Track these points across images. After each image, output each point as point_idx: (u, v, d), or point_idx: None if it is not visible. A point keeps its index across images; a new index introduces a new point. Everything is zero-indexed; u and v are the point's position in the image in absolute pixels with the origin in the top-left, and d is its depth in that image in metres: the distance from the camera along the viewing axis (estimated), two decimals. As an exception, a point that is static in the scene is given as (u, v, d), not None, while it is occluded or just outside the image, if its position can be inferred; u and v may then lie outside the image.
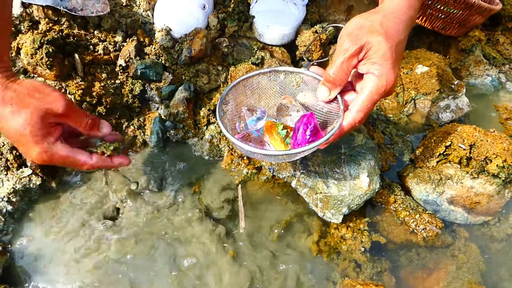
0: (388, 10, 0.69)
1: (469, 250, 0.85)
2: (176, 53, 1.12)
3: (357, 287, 0.78)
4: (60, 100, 0.65)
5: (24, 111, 0.63)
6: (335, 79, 0.70)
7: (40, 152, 0.66)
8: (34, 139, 0.65)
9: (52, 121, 0.67)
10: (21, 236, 0.83)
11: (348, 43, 0.66)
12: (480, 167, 0.88)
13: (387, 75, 0.66)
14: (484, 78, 1.18)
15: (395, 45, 0.66)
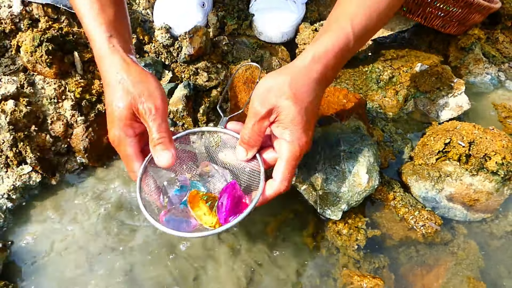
0: (297, 69, 0.68)
1: (468, 247, 0.85)
2: (175, 51, 1.13)
3: (355, 278, 0.79)
4: (149, 104, 0.67)
5: (123, 97, 0.67)
6: (249, 141, 0.70)
7: (114, 136, 0.69)
8: (117, 124, 0.68)
9: (139, 119, 0.69)
10: (21, 233, 0.84)
11: (258, 106, 0.66)
12: (479, 164, 0.88)
13: (299, 140, 0.66)
14: (484, 76, 1.19)
15: (305, 108, 0.66)
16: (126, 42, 0.72)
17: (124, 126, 0.68)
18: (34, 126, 0.92)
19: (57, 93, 0.97)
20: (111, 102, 0.68)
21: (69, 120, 0.96)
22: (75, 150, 0.96)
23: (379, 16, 0.71)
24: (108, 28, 0.70)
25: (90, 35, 0.71)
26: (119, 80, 0.68)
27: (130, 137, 0.69)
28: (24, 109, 0.91)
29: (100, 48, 0.70)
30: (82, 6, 0.72)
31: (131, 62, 0.70)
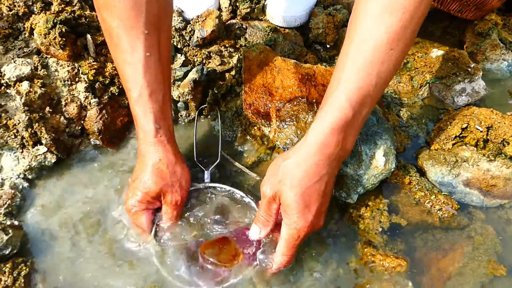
0: (299, 154, 0.70)
1: (486, 232, 0.84)
2: (188, 35, 1.12)
3: (377, 256, 0.78)
4: (177, 196, 0.78)
5: (156, 181, 0.76)
6: (263, 221, 0.75)
7: (133, 206, 0.78)
8: (141, 197, 0.77)
9: (160, 200, 0.79)
10: (37, 212, 0.84)
11: (266, 190, 0.72)
12: (497, 150, 0.87)
13: (296, 224, 0.69)
14: (500, 63, 1.17)
15: (302, 193, 0.68)
16: (170, 131, 0.80)
17: (147, 201, 0.77)
18: (49, 107, 0.92)
19: (70, 75, 0.97)
20: (143, 179, 0.77)
21: (83, 102, 0.96)
22: (89, 132, 0.95)
23: (380, 78, 0.67)
24: (156, 119, 0.76)
25: (138, 120, 0.77)
26: (158, 167, 0.77)
27: (147, 211, 0.79)
28: (39, 91, 0.91)
29: (146, 135, 0.77)
30: (132, 87, 0.75)
31: (172, 153, 0.79)
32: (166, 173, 0.77)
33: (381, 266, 0.78)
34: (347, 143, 0.71)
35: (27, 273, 0.76)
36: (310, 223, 0.69)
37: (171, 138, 0.80)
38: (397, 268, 0.78)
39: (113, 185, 0.89)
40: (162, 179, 0.77)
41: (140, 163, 0.79)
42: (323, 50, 1.23)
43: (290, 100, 0.91)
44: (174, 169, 0.78)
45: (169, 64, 0.81)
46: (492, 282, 0.79)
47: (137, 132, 0.79)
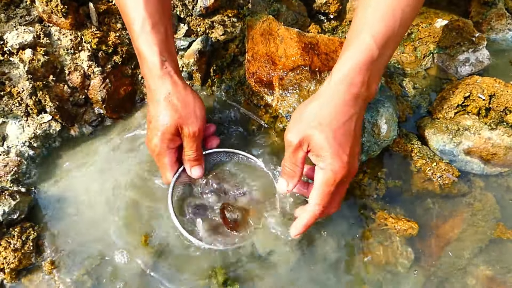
0: (323, 95, 0.68)
1: (485, 198, 0.85)
2: (191, 4, 1.11)
3: (389, 219, 0.80)
4: (194, 126, 0.76)
5: (171, 116, 0.74)
6: (289, 172, 0.71)
7: (155, 146, 0.77)
8: (161, 136, 0.75)
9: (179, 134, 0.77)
10: (43, 179, 0.86)
11: (290, 137, 0.68)
12: (499, 118, 0.87)
13: (332, 165, 0.65)
14: (506, 33, 1.16)
15: (333, 133, 0.65)
16: (176, 64, 0.78)
17: (167, 139, 0.76)
18: (52, 76, 0.92)
19: (73, 44, 0.97)
20: (158, 117, 0.75)
21: (86, 71, 0.96)
22: (92, 101, 0.96)
23: (403, 18, 0.68)
24: (161, 51, 0.74)
25: (142, 54, 0.75)
26: (170, 100, 0.75)
27: (170, 149, 0.78)
28: (42, 59, 0.91)
29: (152, 69, 0.75)
30: (134, 21, 0.74)
31: (181, 84, 0.77)
32: (178, 106, 0.75)
33: (393, 228, 0.80)
34: (372, 84, 0.69)
35: (35, 237, 0.78)
36: (346, 164, 0.65)
37: (177, 70, 0.78)
38: (409, 231, 0.80)
39: (117, 152, 0.90)
40: (176, 112, 0.75)
41: (152, 100, 0.77)
42: (326, 20, 1.22)
43: (293, 69, 0.91)
44: (185, 100, 0.76)
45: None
46: (488, 247, 0.81)
47: (142, 69, 0.78)
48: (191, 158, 0.78)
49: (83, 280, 0.75)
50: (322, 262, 0.79)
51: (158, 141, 0.76)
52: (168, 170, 0.79)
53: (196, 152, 0.78)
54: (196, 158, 0.79)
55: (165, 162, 0.78)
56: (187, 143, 0.77)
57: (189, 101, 0.76)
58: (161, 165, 0.79)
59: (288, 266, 0.78)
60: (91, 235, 0.80)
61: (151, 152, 0.79)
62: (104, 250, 0.78)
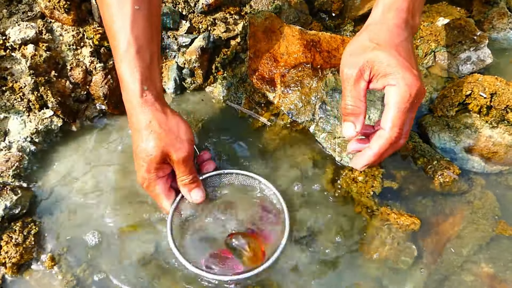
0: (373, 24, 0.67)
1: (485, 197, 0.86)
2: (193, 1, 1.11)
3: (392, 215, 0.80)
4: (182, 152, 0.72)
5: (155, 145, 0.71)
6: (353, 109, 0.65)
7: (143, 179, 0.74)
8: (147, 167, 0.73)
9: (168, 161, 0.74)
10: (45, 174, 0.86)
11: (347, 71, 0.64)
12: (500, 116, 0.88)
13: (404, 79, 0.61)
14: (507, 32, 1.16)
15: (395, 49, 0.63)
16: (158, 91, 0.75)
17: (154, 169, 0.73)
18: (54, 71, 0.92)
19: (75, 39, 0.97)
20: (142, 148, 0.72)
21: (88, 67, 0.96)
22: (94, 97, 0.96)
23: None
24: (143, 79, 0.71)
25: (123, 80, 0.72)
26: (151, 128, 0.71)
27: (160, 178, 0.75)
28: (44, 54, 0.91)
29: (132, 97, 0.72)
30: (118, 42, 0.70)
31: (162, 111, 0.73)
32: (161, 133, 0.71)
33: (396, 224, 0.80)
34: (416, 14, 0.69)
35: (37, 231, 0.78)
36: (419, 78, 0.62)
37: (159, 97, 0.75)
38: (411, 226, 0.80)
39: (118, 149, 0.90)
40: (160, 140, 0.71)
41: (133, 131, 0.74)
42: (328, 18, 1.21)
43: (294, 66, 0.91)
44: (168, 125, 0.73)
45: (159, 24, 0.77)
46: (489, 244, 0.81)
47: (123, 95, 0.74)
48: (187, 182, 0.75)
49: (85, 274, 0.75)
50: (322, 259, 0.79)
51: (145, 172, 0.73)
52: (163, 199, 0.76)
53: (190, 175, 0.75)
54: (192, 181, 0.75)
55: (158, 192, 0.75)
56: (178, 169, 0.74)
57: (172, 126, 0.73)
58: (154, 196, 0.76)
59: (289, 265, 0.78)
60: (91, 230, 0.80)
61: (142, 186, 0.75)
62: (105, 245, 0.79)
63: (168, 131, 0.72)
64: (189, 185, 0.75)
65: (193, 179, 0.75)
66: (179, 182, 0.76)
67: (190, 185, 0.75)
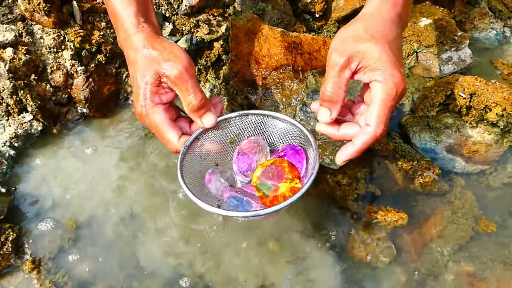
0: (369, 14, 0.66)
1: (465, 197, 0.86)
2: (176, 3, 1.10)
3: (379, 212, 0.80)
4: (177, 66, 0.65)
5: (148, 66, 0.65)
6: (332, 96, 0.64)
7: (140, 107, 0.66)
8: (142, 92, 0.66)
9: (166, 84, 0.66)
10: (23, 179, 0.85)
11: (335, 57, 0.63)
12: (480, 116, 0.88)
13: (392, 77, 0.60)
14: (489, 31, 1.17)
15: (388, 45, 0.62)
16: (155, 25, 0.72)
17: (150, 93, 0.66)
18: (34, 75, 0.91)
19: (56, 42, 0.96)
20: (136, 74, 0.66)
21: (69, 70, 0.95)
22: (75, 100, 0.96)
23: None
24: (138, 12, 0.69)
25: (119, 17, 0.69)
26: (144, 53, 0.66)
27: (157, 104, 0.67)
28: (23, 58, 0.90)
29: (129, 30, 0.68)
30: None
31: (157, 36, 0.69)
32: (154, 54, 0.66)
33: (384, 221, 0.81)
34: (407, 8, 0.69)
35: (14, 238, 0.77)
36: (403, 79, 0.61)
37: (154, 29, 0.71)
38: (399, 221, 0.81)
39: (99, 152, 0.90)
40: (153, 60, 0.65)
41: (129, 62, 0.69)
42: (312, 19, 1.22)
43: (276, 68, 0.91)
44: (162, 46, 0.67)
45: None
46: (469, 244, 0.82)
47: (118, 34, 0.71)
48: (195, 105, 0.66)
49: (63, 280, 0.75)
50: (304, 261, 0.80)
51: (141, 99, 0.66)
52: (166, 129, 0.67)
53: (196, 95, 0.66)
54: (200, 104, 0.67)
55: (157, 121, 0.66)
56: (180, 89, 0.66)
57: (165, 46, 0.67)
58: (155, 127, 0.67)
59: (273, 265, 0.78)
60: (71, 235, 0.79)
61: (140, 119, 0.68)
62: (85, 249, 0.78)
63: (162, 50, 0.66)
64: (198, 110, 0.67)
65: (201, 100, 0.67)
66: (186, 108, 0.67)
67: (199, 109, 0.67)
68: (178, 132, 0.68)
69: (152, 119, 0.66)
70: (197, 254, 0.78)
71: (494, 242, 0.83)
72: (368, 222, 0.83)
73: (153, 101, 0.66)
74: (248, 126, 0.75)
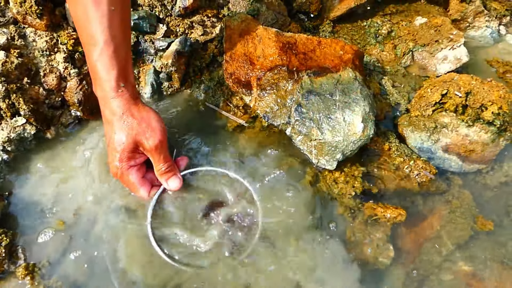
0: None
1: (463, 196, 0.86)
2: (170, 4, 1.10)
3: (378, 209, 0.80)
4: (154, 139, 0.74)
5: (127, 134, 0.73)
6: None
7: (116, 168, 0.75)
8: (119, 157, 0.74)
9: (141, 151, 0.76)
10: (17, 183, 0.84)
11: None
12: (476, 115, 0.88)
13: None
14: (484, 30, 1.16)
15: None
16: (132, 88, 0.77)
17: (127, 158, 0.75)
18: (27, 78, 0.90)
19: (49, 45, 0.95)
20: (114, 138, 0.74)
21: (62, 73, 0.94)
22: (69, 103, 0.95)
23: None
24: (119, 76, 0.73)
25: (99, 79, 0.73)
26: (124, 119, 0.73)
27: (132, 167, 0.76)
28: (16, 61, 0.89)
29: (108, 93, 0.73)
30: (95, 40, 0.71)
31: (134, 103, 0.75)
32: (133, 123, 0.74)
33: (383, 217, 0.81)
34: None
35: (8, 243, 0.76)
36: None
37: (133, 92, 0.76)
38: (398, 218, 0.81)
39: (94, 155, 0.89)
40: (132, 129, 0.73)
41: (106, 124, 0.76)
42: (307, 19, 1.21)
43: (270, 69, 0.91)
44: (140, 115, 0.75)
45: (129, 22, 0.79)
46: (467, 243, 0.82)
47: (96, 89, 0.76)
48: (163, 171, 0.78)
49: (57, 285, 0.74)
50: (300, 262, 0.79)
51: (117, 162, 0.75)
52: (138, 187, 0.78)
53: (165, 163, 0.77)
54: (167, 170, 0.78)
55: (132, 181, 0.77)
56: (153, 157, 0.76)
57: (143, 116, 0.75)
58: (129, 185, 0.78)
59: (268, 267, 0.78)
60: (66, 240, 0.78)
61: (115, 176, 0.77)
62: (79, 255, 0.77)
63: (140, 120, 0.74)
64: (166, 174, 0.78)
65: (168, 167, 0.78)
66: (157, 172, 0.78)
67: (167, 174, 0.78)
68: (148, 186, 0.79)
69: (126, 179, 0.77)
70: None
71: (492, 241, 0.83)
72: (365, 220, 0.83)
73: (128, 164, 0.76)
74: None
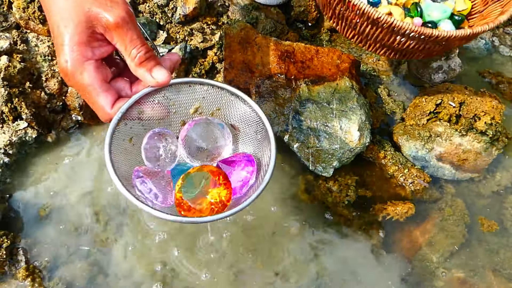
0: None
1: (455, 204, 0.88)
2: (170, 11, 1.12)
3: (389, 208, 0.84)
4: (118, 10, 0.50)
5: (76, 6, 0.49)
6: None
7: (65, 62, 0.50)
8: (69, 43, 0.49)
9: (102, 34, 0.51)
10: (18, 186, 0.85)
11: None
12: (469, 125, 0.90)
13: None
14: (478, 41, 1.19)
15: None
16: None
17: (78, 44, 0.50)
18: (29, 82, 0.92)
19: (51, 50, 0.97)
20: (59, 19, 0.49)
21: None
22: (70, 107, 0.96)
23: None
24: None
25: None
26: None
27: (88, 60, 0.51)
28: (18, 65, 0.90)
29: None
30: None
31: None
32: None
33: (395, 214, 0.83)
34: None
35: (9, 245, 0.77)
36: None
37: None
38: (409, 212, 0.83)
39: (94, 159, 0.90)
40: (80, 4, 0.49)
41: (47, 10, 0.51)
42: (304, 28, 1.23)
43: (269, 77, 0.93)
44: None
45: None
46: (459, 250, 0.83)
47: None
48: (140, 57, 0.52)
49: (58, 287, 0.75)
50: (286, 267, 0.80)
51: (68, 52, 0.49)
52: (97, 92, 0.52)
53: (142, 46, 0.52)
54: (147, 55, 0.52)
55: (86, 81, 0.51)
56: (121, 40, 0.51)
57: None
58: (83, 90, 0.52)
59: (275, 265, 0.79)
60: (66, 243, 0.80)
61: (65, 77, 0.52)
62: (80, 257, 0.78)
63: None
64: (146, 62, 0.53)
65: (146, 51, 0.52)
66: (130, 62, 0.52)
67: (148, 62, 0.53)
68: (113, 96, 0.54)
69: (80, 78, 0.51)
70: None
71: (484, 248, 0.84)
72: (359, 228, 0.84)
73: (82, 55, 0.50)
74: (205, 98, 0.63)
